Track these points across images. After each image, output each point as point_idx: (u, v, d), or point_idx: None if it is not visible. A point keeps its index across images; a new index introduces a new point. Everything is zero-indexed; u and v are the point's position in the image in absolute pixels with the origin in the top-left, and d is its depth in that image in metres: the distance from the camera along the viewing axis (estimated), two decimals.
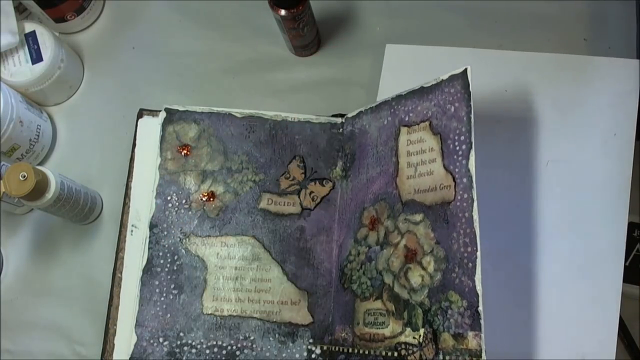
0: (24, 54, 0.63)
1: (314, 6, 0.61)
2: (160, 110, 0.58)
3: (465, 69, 0.48)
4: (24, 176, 0.51)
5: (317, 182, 0.57)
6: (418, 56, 0.58)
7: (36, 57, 0.63)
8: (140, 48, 0.69)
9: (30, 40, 0.63)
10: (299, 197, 0.56)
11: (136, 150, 0.59)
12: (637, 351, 0.54)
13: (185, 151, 0.57)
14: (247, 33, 0.67)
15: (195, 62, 0.67)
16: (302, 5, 0.57)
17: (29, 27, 0.64)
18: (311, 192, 0.56)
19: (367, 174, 0.54)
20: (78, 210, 0.58)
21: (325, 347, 0.52)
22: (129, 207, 0.57)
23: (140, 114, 0.60)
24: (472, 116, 0.47)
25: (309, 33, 0.61)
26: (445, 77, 0.49)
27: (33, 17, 0.69)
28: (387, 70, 0.60)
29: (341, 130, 0.58)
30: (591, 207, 0.54)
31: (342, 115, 0.58)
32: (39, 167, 0.54)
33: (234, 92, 0.65)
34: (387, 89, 0.60)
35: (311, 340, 0.53)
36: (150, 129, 0.59)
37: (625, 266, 0.53)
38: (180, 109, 0.58)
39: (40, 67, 0.63)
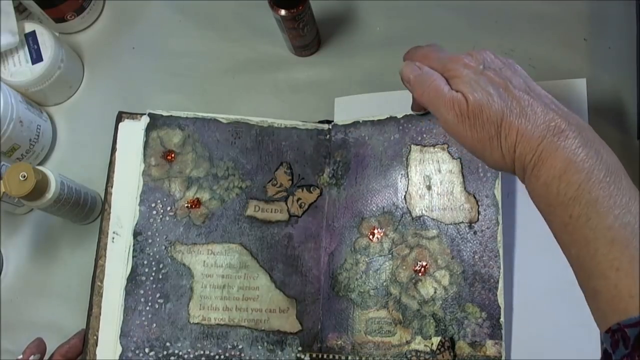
0: (24, 54, 0.63)
1: (314, 6, 0.61)
2: (142, 114, 0.57)
3: None
4: (24, 176, 0.51)
5: (304, 189, 0.56)
6: (366, 103, 0.59)
7: (36, 57, 0.63)
8: (140, 48, 0.69)
9: (30, 40, 0.63)
10: (286, 203, 0.55)
11: (116, 154, 0.57)
12: None
13: (169, 157, 0.56)
14: (247, 33, 0.67)
15: (195, 62, 0.67)
16: (302, 5, 0.57)
17: (29, 27, 0.64)
18: (298, 199, 0.56)
19: (367, 185, 0.54)
20: (78, 210, 0.58)
21: (314, 355, 0.52)
22: (108, 213, 0.55)
23: (120, 117, 0.58)
24: None
25: (309, 33, 0.61)
26: None
27: (33, 17, 0.69)
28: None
29: (328, 136, 0.57)
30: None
31: (328, 122, 0.58)
32: (39, 167, 0.54)
33: (234, 92, 0.65)
34: None
35: (300, 348, 0.52)
36: (131, 133, 0.57)
37: None
38: (164, 114, 0.57)
39: (40, 67, 0.63)
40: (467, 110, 0.41)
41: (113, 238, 0.55)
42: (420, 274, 0.51)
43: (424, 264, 0.51)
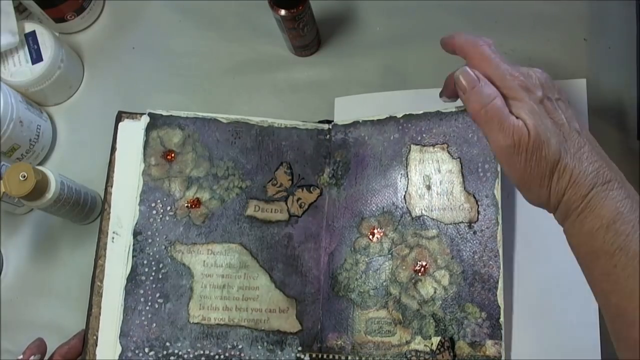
0: (24, 54, 0.63)
1: (314, 6, 0.61)
2: (142, 114, 0.57)
3: None
4: (24, 176, 0.51)
5: (304, 189, 0.56)
6: (366, 103, 0.59)
7: (36, 57, 0.63)
8: (140, 48, 0.69)
9: (30, 40, 0.63)
10: (286, 203, 0.55)
11: (116, 154, 0.57)
12: None
13: (169, 157, 0.56)
14: (247, 33, 0.67)
15: (195, 62, 0.67)
16: (302, 5, 0.57)
17: (29, 27, 0.64)
18: (298, 199, 0.56)
19: (367, 185, 0.54)
20: (78, 210, 0.58)
21: (314, 355, 0.52)
22: (108, 213, 0.56)
23: (119, 117, 0.58)
24: None
25: (309, 33, 0.61)
26: None
27: (33, 17, 0.69)
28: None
29: (328, 136, 0.57)
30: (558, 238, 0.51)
31: (329, 122, 0.58)
32: (39, 167, 0.54)
33: (234, 92, 0.65)
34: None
35: (300, 348, 0.52)
36: (130, 133, 0.57)
37: None
38: (164, 113, 0.57)
39: (40, 67, 0.63)
40: (527, 143, 0.39)
41: (113, 238, 0.55)
42: (420, 274, 0.51)
43: (424, 264, 0.51)
